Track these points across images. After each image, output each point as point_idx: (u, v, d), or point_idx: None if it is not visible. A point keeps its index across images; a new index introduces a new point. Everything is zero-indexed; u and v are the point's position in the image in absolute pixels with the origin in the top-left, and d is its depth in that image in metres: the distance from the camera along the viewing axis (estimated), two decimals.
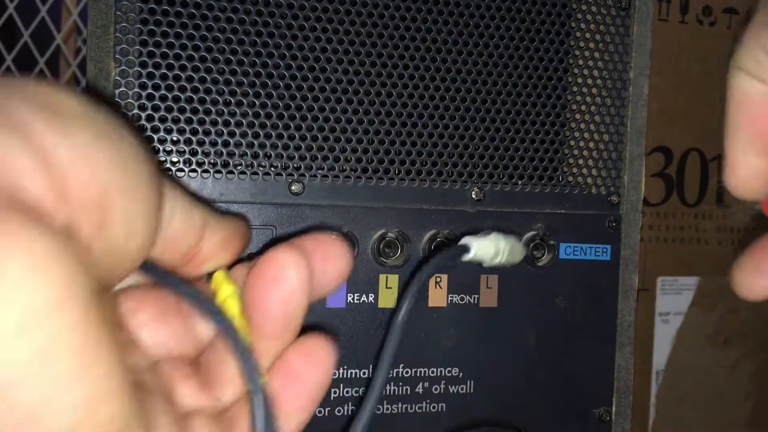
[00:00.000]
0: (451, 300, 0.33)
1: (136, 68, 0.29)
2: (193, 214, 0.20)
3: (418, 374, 0.33)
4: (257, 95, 0.30)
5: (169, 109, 0.29)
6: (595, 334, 0.35)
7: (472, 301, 0.33)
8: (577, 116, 0.35)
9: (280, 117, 0.31)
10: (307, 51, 0.31)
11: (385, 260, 0.32)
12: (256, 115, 0.30)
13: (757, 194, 0.23)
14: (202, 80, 0.30)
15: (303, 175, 0.31)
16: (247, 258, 0.30)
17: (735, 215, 0.79)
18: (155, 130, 0.29)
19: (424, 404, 0.33)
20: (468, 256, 0.24)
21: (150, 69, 0.29)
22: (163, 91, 0.29)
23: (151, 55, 0.29)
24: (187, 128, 0.30)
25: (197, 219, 0.21)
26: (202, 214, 0.21)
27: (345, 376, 0.32)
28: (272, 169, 0.31)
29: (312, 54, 0.31)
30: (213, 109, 0.30)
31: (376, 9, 0.31)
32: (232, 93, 0.30)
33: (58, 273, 0.14)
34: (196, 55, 0.29)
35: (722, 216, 0.78)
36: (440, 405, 0.33)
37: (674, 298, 0.79)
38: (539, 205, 0.34)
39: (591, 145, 0.35)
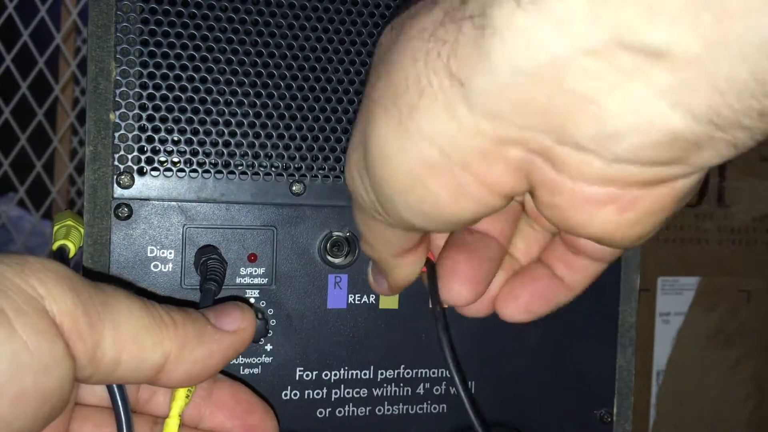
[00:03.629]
0: None
1: (136, 68, 0.29)
2: (143, 364, 0.22)
3: (419, 375, 0.33)
4: (258, 95, 0.30)
5: (169, 109, 0.29)
6: (596, 335, 0.35)
7: None
8: None
9: (281, 117, 0.30)
10: (308, 51, 0.31)
11: None
12: (257, 115, 0.30)
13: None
14: (203, 80, 0.29)
15: (304, 175, 0.31)
16: (248, 259, 0.30)
17: (735, 215, 0.79)
18: (156, 130, 0.29)
19: (425, 405, 0.33)
20: None
21: (151, 69, 0.29)
22: (163, 91, 0.29)
23: (152, 54, 0.29)
24: (188, 128, 0.29)
25: (147, 366, 0.22)
26: (159, 358, 0.22)
27: (346, 377, 0.32)
28: (273, 169, 0.31)
29: (313, 54, 0.31)
30: (214, 109, 0.30)
31: (377, 9, 0.31)
32: (233, 93, 0.30)
33: None
34: (197, 55, 0.29)
35: (722, 216, 0.78)
36: (441, 406, 0.33)
37: (675, 299, 0.79)
38: None
39: None
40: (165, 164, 0.30)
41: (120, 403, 0.23)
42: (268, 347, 0.31)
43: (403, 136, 0.18)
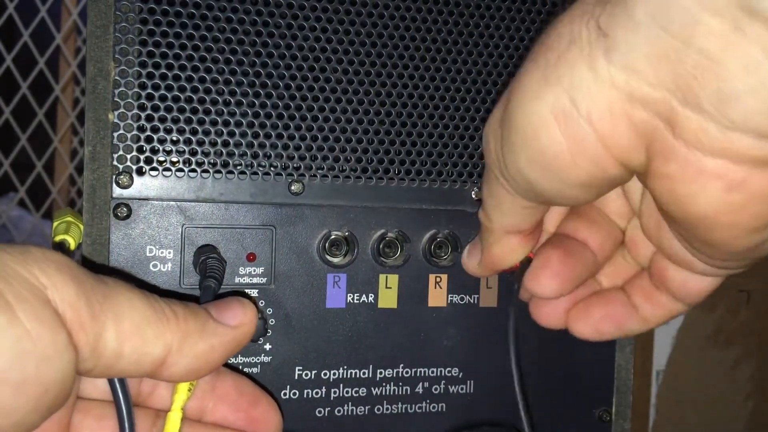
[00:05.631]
0: (451, 300, 0.33)
1: (135, 68, 0.29)
2: (144, 357, 0.22)
3: (418, 374, 0.33)
4: (257, 95, 0.30)
5: (168, 109, 0.29)
6: None
7: (472, 301, 0.33)
8: None
9: (280, 117, 0.31)
10: (306, 51, 0.31)
11: (385, 260, 0.32)
12: (256, 115, 0.30)
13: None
14: (202, 80, 0.30)
15: (303, 175, 0.31)
16: (247, 258, 0.30)
17: None
18: (155, 129, 0.29)
19: (424, 404, 0.33)
20: None
21: (149, 69, 0.29)
22: (162, 91, 0.29)
23: (150, 54, 0.29)
24: (187, 128, 0.30)
25: (148, 360, 0.22)
26: (160, 351, 0.22)
27: (345, 376, 0.32)
28: (272, 168, 0.31)
29: (312, 54, 0.31)
30: (212, 109, 0.30)
31: (375, 9, 0.31)
32: (232, 93, 0.30)
33: None
34: (195, 55, 0.29)
35: None
36: (440, 405, 0.33)
37: None
38: None
39: None
40: (164, 164, 0.30)
41: (121, 398, 0.23)
42: (267, 347, 0.31)
43: (543, 84, 0.20)
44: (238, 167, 0.30)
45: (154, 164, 0.29)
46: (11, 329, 0.19)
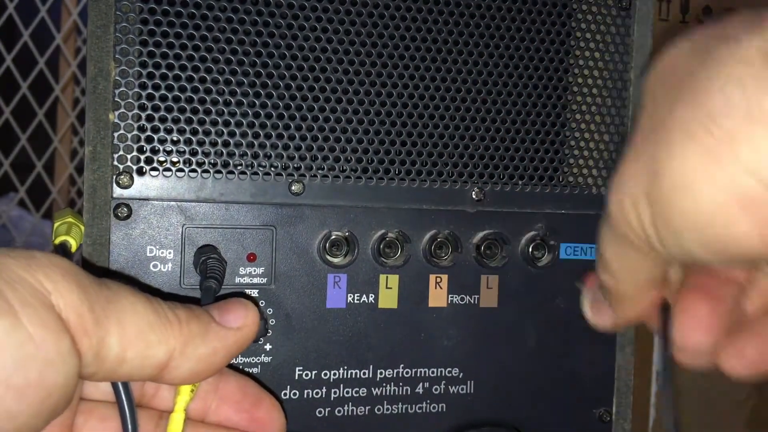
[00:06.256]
0: (452, 300, 0.33)
1: (136, 68, 0.29)
2: (147, 361, 0.22)
3: (418, 374, 0.33)
4: (257, 95, 0.30)
5: (169, 109, 0.29)
6: (595, 334, 0.35)
7: (472, 301, 0.33)
8: (578, 116, 0.35)
9: (280, 117, 0.31)
10: (307, 51, 0.31)
11: (385, 260, 0.32)
12: (256, 115, 0.30)
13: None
14: (202, 80, 0.30)
15: (303, 175, 0.31)
16: (248, 258, 0.30)
17: None
18: (155, 130, 0.29)
19: (424, 404, 0.33)
20: None
21: (150, 69, 0.29)
22: (163, 91, 0.29)
23: (151, 55, 0.29)
24: (187, 128, 0.30)
25: (151, 364, 0.22)
26: (163, 355, 0.22)
27: (345, 376, 0.32)
28: (272, 169, 0.31)
29: (312, 54, 0.31)
30: (213, 109, 0.30)
31: (376, 9, 0.31)
32: (232, 93, 0.30)
33: None
34: (196, 55, 0.29)
35: None
36: (440, 405, 0.33)
37: None
38: (539, 205, 0.34)
39: (591, 145, 0.35)
40: (164, 164, 0.30)
41: (124, 400, 0.23)
42: (268, 347, 0.31)
43: (714, 165, 0.17)
44: (239, 167, 0.30)
45: (155, 164, 0.29)
46: (15, 334, 0.19)
